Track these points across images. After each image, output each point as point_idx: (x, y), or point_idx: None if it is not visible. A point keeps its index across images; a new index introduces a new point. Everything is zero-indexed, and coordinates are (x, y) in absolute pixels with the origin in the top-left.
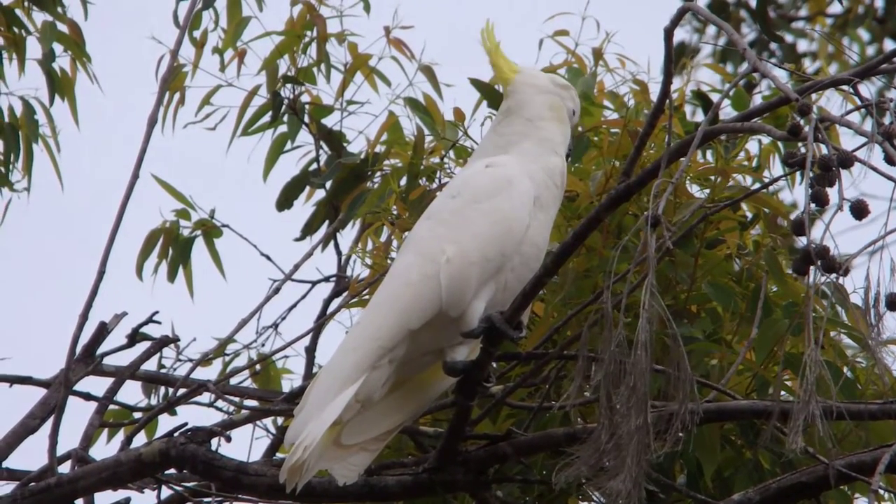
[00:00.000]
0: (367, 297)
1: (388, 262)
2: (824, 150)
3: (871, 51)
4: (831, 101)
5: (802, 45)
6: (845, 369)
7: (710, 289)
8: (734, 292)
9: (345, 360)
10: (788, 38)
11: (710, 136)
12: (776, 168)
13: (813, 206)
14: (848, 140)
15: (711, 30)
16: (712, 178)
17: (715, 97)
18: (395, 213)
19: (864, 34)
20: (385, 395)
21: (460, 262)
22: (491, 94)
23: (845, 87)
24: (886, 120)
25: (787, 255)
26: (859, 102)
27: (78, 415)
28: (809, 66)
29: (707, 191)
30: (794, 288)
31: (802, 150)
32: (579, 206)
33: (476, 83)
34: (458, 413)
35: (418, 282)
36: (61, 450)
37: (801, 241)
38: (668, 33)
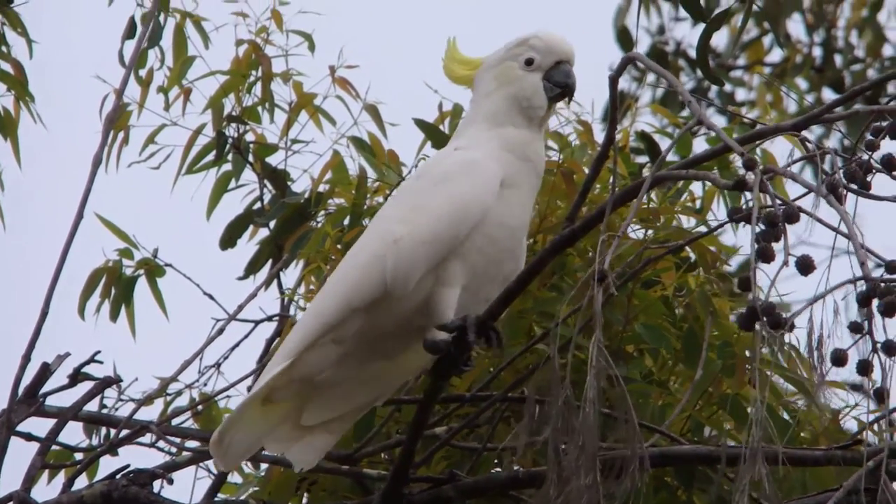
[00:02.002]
0: None
1: None
2: (769, 201)
3: (809, 99)
4: (775, 144)
5: (741, 95)
6: (781, 411)
7: (644, 330)
8: (669, 333)
9: (288, 339)
10: (727, 87)
11: (657, 183)
12: (720, 210)
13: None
14: (793, 185)
15: (651, 77)
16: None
17: (658, 138)
18: (332, 258)
19: (802, 83)
20: (349, 374)
21: (410, 242)
22: (435, 135)
23: (795, 133)
24: (827, 165)
25: (722, 295)
26: (805, 150)
27: (20, 456)
28: (748, 114)
29: (648, 231)
30: (728, 328)
31: (748, 199)
32: None
33: (420, 123)
34: (402, 455)
35: (366, 262)
36: (2, 491)
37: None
38: (613, 81)
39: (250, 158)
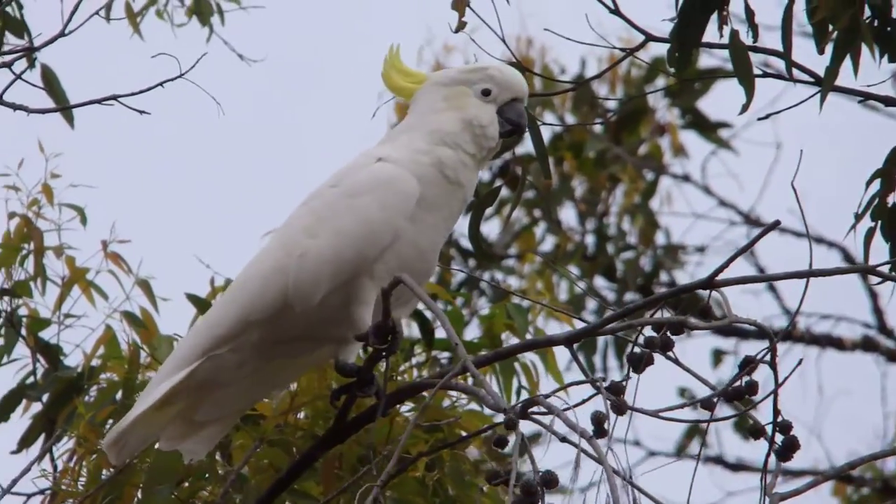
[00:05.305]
0: None
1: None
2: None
3: (581, 285)
4: (548, 322)
5: (513, 283)
6: None
7: None
8: None
9: (183, 345)
10: (498, 276)
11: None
12: (493, 380)
13: None
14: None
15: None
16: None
17: (430, 315)
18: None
19: (574, 269)
20: (247, 376)
21: (314, 259)
22: (207, 309)
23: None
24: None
25: (474, 473)
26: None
27: None
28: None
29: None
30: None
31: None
32: (266, 428)
33: (192, 298)
34: None
35: (269, 273)
36: None
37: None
38: (385, 295)
39: (23, 332)
